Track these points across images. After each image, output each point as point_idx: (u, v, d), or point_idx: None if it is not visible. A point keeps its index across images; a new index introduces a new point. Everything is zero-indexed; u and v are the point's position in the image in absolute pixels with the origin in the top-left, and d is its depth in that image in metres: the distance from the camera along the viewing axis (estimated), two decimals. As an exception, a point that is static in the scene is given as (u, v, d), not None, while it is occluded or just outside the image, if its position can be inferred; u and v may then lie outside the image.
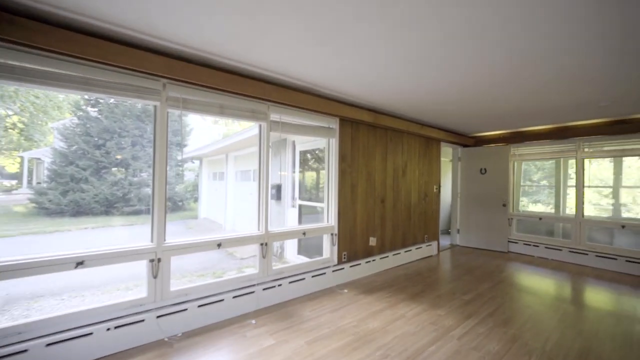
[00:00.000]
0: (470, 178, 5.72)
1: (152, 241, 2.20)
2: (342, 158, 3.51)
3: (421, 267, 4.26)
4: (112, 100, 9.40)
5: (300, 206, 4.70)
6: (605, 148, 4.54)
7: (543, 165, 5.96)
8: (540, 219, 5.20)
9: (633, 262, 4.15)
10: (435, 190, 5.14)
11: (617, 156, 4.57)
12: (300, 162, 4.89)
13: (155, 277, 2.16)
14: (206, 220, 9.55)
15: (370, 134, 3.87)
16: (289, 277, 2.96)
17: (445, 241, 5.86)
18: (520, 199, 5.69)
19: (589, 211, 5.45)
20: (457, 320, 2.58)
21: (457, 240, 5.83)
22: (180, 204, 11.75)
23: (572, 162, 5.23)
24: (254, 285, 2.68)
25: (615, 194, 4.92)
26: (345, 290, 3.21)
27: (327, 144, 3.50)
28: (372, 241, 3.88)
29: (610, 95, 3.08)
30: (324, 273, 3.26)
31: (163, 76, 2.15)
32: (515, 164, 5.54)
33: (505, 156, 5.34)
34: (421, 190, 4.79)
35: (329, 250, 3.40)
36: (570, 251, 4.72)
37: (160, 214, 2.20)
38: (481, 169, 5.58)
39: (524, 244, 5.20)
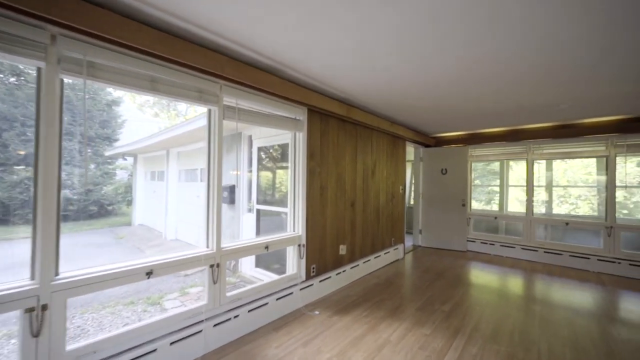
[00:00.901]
0: (432, 178, 5.71)
1: (32, 278, 1.42)
2: (311, 155, 3.01)
3: (391, 273, 4.00)
4: (12, 79, 7.49)
5: (258, 211, 4.07)
6: (552, 150, 4.85)
7: (476, 167, 6.29)
8: (495, 218, 5.40)
9: (576, 256, 4.47)
10: (401, 191, 4.96)
11: (561, 158, 4.92)
12: (258, 160, 4.26)
13: (36, 335, 1.38)
14: (142, 228, 8.17)
15: (340, 129, 3.45)
16: (249, 303, 2.35)
17: (407, 242, 5.77)
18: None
19: (518, 208, 5.92)
20: (445, 340, 2.28)
21: (420, 241, 5.79)
22: (109, 208, 9.99)
23: (511, 164, 5.60)
24: (201, 321, 2.03)
25: (547, 193, 5.31)
26: (317, 312, 2.72)
27: (293, 139, 2.97)
28: (342, 249, 3.47)
29: (573, 98, 3.13)
30: (291, 293, 2.72)
31: (50, 20, 1.39)
32: (473, 164, 5.71)
33: (464, 157, 5.43)
34: (389, 192, 4.55)
35: (295, 264, 2.88)
36: (522, 248, 4.95)
37: (47, 234, 1.43)
38: (442, 169, 5.61)
39: (481, 242, 5.35)
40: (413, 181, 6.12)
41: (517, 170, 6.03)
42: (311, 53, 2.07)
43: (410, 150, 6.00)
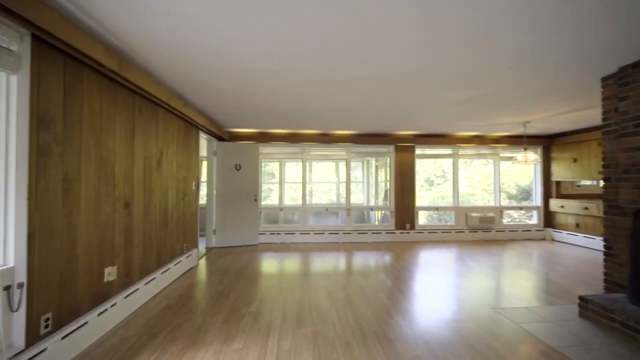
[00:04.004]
0: (226, 174, 5.43)
1: None
2: (42, 122, 1.71)
3: (185, 287, 3.26)
4: None
5: None
6: (317, 153, 6.15)
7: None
8: (281, 209, 6.05)
9: (332, 233, 5.93)
10: (194, 187, 4.26)
11: (324, 160, 6.38)
12: None
13: None
14: None
15: (106, 92, 2.28)
16: None
17: (200, 245, 5.10)
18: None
19: (290, 202, 7.31)
20: (260, 346, 2.05)
21: (214, 241, 5.32)
22: None
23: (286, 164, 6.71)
24: None
25: (304, 189, 6.86)
26: (57, 396, 1.55)
27: (-8, 86, 1.54)
28: (110, 274, 2.32)
29: (337, 110, 4.04)
30: (-16, 387, 1.36)
31: None
32: (262, 161, 6.07)
33: (256, 154, 5.64)
34: (180, 188, 3.72)
35: (-2, 325, 1.49)
36: (300, 233, 5.87)
37: None
38: (236, 165, 5.49)
39: (270, 233, 5.79)
40: (206, 178, 5.53)
41: (289, 170, 7.22)
42: None
43: (204, 145, 5.37)
